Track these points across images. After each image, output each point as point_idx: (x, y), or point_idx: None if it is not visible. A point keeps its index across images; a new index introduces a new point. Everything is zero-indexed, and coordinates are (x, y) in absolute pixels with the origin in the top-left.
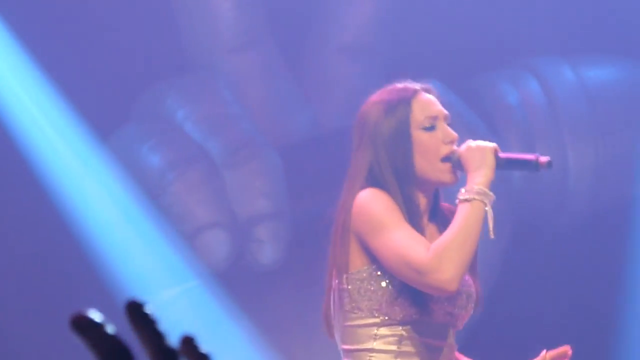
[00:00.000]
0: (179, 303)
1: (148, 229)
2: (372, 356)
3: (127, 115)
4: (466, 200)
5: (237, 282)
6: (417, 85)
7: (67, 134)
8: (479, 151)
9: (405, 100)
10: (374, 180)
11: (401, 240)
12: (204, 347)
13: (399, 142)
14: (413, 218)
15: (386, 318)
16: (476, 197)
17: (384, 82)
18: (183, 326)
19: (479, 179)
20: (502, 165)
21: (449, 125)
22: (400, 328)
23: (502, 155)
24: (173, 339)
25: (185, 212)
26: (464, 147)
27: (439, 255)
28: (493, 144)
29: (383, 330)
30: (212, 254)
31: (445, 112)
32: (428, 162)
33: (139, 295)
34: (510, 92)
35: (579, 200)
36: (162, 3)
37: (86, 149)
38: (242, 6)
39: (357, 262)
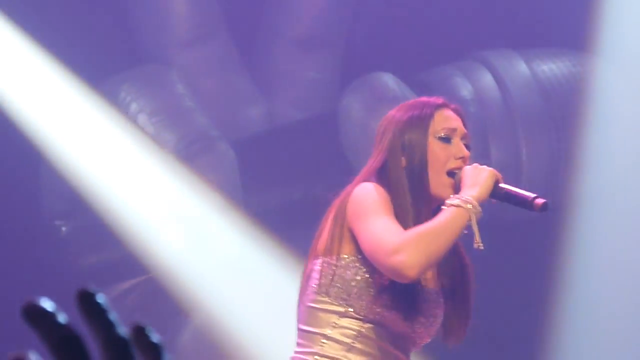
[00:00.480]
0: (132, 296)
1: (101, 221)
2: (324, 343)
3: None
4: (452, 204)
5: (190, 276)
6: (446, 101)
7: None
8: (481, 172)
9: (430, 110)
10: (383, 179)
11: (380, 227)
12: (155, 337)
13: (418, 145)
14: (418, 221)
15: (350, 310)
16: (463, 205)
17: (338, 75)
18: (135, 319)
19: (471, 192)
20: (499, 195)
21: (466, 145)
22: (361, 324)
23: (502, 185)
24: (124, 329)
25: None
26: (469, 166)
27: (408, 240)
28: (497, 173)
29: (344, 322)
30: (166, 247)
31: (465, 130)
32: (434, 172)
33: (91, 286)
34: (463, 85)
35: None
36: None
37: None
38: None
39: (345, 249)
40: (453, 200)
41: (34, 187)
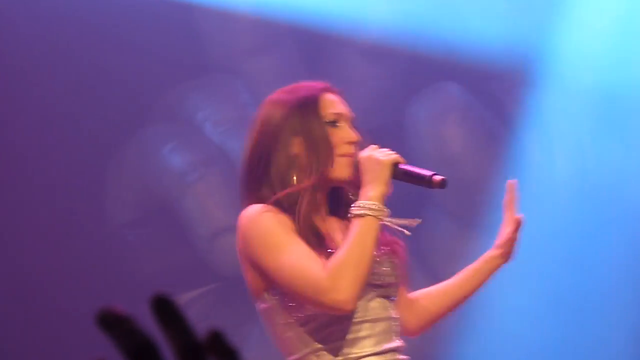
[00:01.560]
0: (196, 306)
1: (167, 230)
2: (318, 355)
3: (149, 117)
4: (359, 215)
5: None
6: (329, 85)
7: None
8: (377, 164)
9: (316, 93)
10: (266, 176)
11: (297, 260)
12: (232, 342)
13: (314, 127)
14: (317, 212)
15: (317, 322)
16: (369, 212)
17: (402, 85)
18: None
19: (371, 192)
20: (399, 177)
21: (354, 127)
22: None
23: (402, 167)
24: (199, 335)
25: (204, 214)
26: (366, 152)
27: (334, 274)
28: (394, 156)
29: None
30: (231, 257)
31: (351, 113)
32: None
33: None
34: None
35: None
36: (183, 7)
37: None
38: (261, 9)
39: (260, 286)
40: (357, 210)
41: (99, 196)
